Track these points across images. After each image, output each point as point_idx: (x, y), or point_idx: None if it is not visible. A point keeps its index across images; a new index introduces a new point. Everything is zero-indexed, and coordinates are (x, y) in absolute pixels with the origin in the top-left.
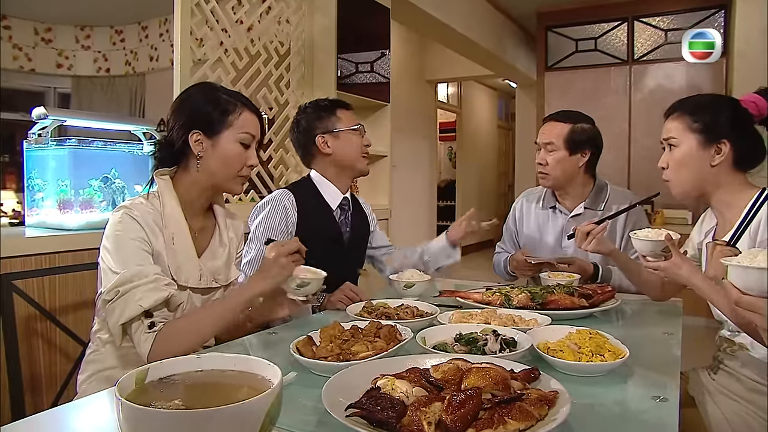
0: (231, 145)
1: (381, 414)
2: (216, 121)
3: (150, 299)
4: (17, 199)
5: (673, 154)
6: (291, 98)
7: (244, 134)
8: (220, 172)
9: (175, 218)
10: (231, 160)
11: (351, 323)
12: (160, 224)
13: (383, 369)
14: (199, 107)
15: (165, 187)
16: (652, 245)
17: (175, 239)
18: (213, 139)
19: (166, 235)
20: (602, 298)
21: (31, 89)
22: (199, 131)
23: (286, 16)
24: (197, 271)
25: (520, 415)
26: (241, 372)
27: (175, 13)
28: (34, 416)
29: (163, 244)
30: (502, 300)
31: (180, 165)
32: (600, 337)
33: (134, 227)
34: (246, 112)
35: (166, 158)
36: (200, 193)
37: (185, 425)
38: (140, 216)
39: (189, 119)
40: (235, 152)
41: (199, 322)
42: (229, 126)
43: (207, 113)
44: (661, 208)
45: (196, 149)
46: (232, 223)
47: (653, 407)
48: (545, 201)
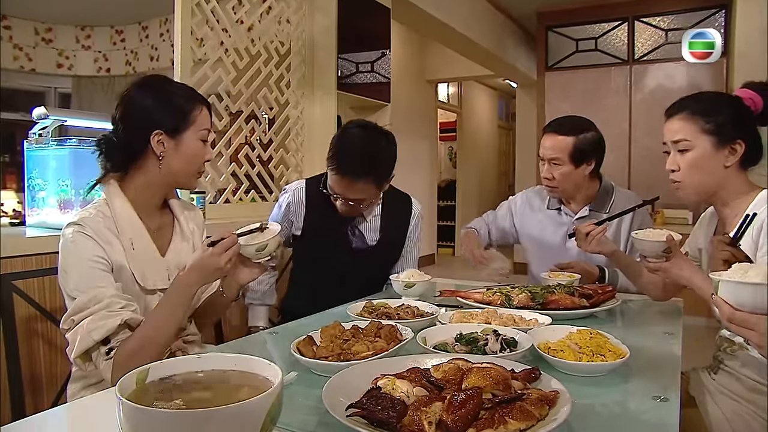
0: (193, 143)
1: (382, 414)
2: (179, 120)
3: (102, 330)
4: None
5: (685, 157)
6: (291, 98)
7: (204, 131)
8: (182, 170)
9: (130, 222)
10: (194, 158)
11: (351, 323)
12: (115, 232)
13: (384, 369)
14: (157, 107)
15: (114, 192)
16: (653, 246)
17: (134, 243)
18: (176, 139)
19: (124, 241)
20: (603, 298)
21: (32, 89)
22: (161, 131)
23: (286, 16)
24: (164, 272)
25: (520, 415)
26: (241, 372)
27: (176, 13)
28: (34, 416)
29: (123, 253)
30: (502, 300)
31: (132, 167)
32: (600, 337)
33: (87, 245)
34: (203, 107)
35: (119, 162)
36: (155, 192)
37: (186, 425)
38: (93, 230)
39: (147, 120)
40: (197, 150)
41: (147, 336)
42: (192, 124)
43: (168, 113)
44: (662, 208)
45: (158, 150)
46: (190, 215)
47: (654, 407)
48: (550, 202)
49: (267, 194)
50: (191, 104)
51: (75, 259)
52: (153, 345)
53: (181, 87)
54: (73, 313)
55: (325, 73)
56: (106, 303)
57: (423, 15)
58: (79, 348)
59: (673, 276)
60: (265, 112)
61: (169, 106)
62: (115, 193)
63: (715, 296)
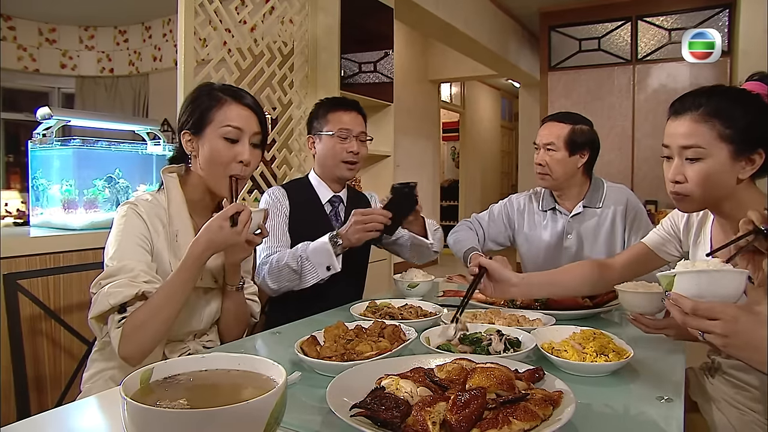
0: (214, 141)
1: (385, 414)
2: (199, 118)
3: (119, 296)
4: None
5: (695, 167)
6: (294, 98)
7: (226, 128)
8: (207, 170)
9: (179, 215)
10: (215, 158)
11: (355, 323)
12: (164, 221)
13: (387, 369)
14: (189, 106)
15: (172, 184)
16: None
17: (178, 236)
18: (200, 138)
19: (170, 231)
20: (606, 298)
21: (36, 89)
22: (188, 131)
23: (289, 16)
24: None
25: (524, 415)
26: (245, 372)
27: (179, 13)
28: (39, 415)
29: (165, 242)
30: (506, 300)
31: (188, 164)
32: (604, 337)
33: (135, 223)
34: (230, 104)
35: (176, 157)
36: (203, 192)
37: (190, 425)
38: (144, 212)
39: (182, 119)
40: (218, 148)
41: (157, 306)
42: (210, 121)
43: (192, 111)
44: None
45: (188, 149)
46: None
47: (658, 407)
48: (544, 202)
49: None
50: (213, 101)
51: (120, 232)
52: (160, 316)
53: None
54: (102, 278)
55: (328, 73)
56: (134, 274)
57: (426, 15)
58: (95, 309)
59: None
60: (268, 112)
61: (194, 105)
62: (173, 185)
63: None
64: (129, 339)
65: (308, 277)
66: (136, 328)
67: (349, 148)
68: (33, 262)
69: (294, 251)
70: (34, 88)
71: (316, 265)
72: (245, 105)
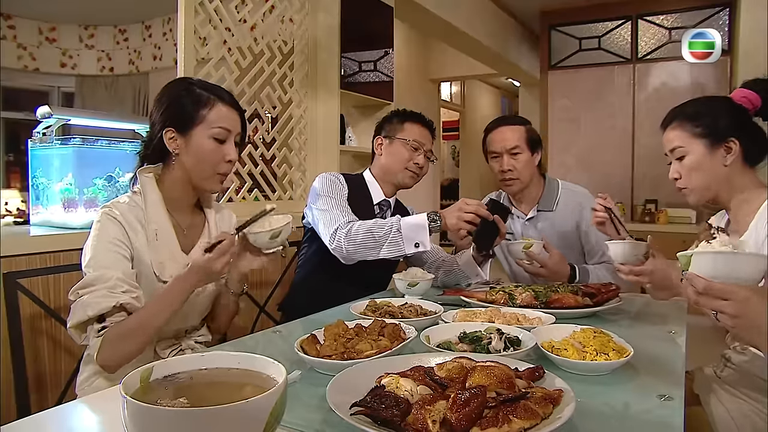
0: (204, 141)
1: (386, 412)
2: (187, 117)
3: (97, 307)
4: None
5: (683, 163)
6: (294, 97)
7: (217, 129)
8: (195, 169)
9: (157, 214)
10: (205, 157)
11: (355, 322)
12: (142, 221)
13: (387, 367)
14: (172, 103)
15: (148, 183)
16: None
17: (158, 234)
18: (186, 136)
19: (149, 231)
20: (606, 297)
21: (36, 88)
22: (172, 128)
23: (289, 14)
24: (183, 268)
25: (524, 414)
26: (245, 370)
27: (179, 12)
28: (39, 414)
29: (145, 241)
30: (505, 298)
31: (164, 162)
32: (604, 335)
33: (111, 228)
34: (219, 105)
35: (149, 155)
36: (183, 189)
37: (190, 423)
38: (120, 215)
39: (163, 116)
40: (208, 148)
41: (141, 322)
42: (201, 121)
43: (179, 109)
44: (666, 207)
45: (170, 146)
46: (222, 218)
47: (658, 406)
48: None
49: (270, 193)
50: (203, 101)
51: (96, 239)
52: (143, 331)
53: (202, 85)
54: (80, 287)
55: (328, 72)
56: (111, 284)
57: (426, 14)
58: (74, 319)
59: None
60: (268, 111)
61: (181, 102)
62: (150, 184)
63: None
64: (110, 347)
65: (390, 248)
66: (119, 338)
67: (417, 160)
68: (33, 261)
69: (383, 221)
70: (34, 87)
71: (406, 238)
72: (231, 105)
